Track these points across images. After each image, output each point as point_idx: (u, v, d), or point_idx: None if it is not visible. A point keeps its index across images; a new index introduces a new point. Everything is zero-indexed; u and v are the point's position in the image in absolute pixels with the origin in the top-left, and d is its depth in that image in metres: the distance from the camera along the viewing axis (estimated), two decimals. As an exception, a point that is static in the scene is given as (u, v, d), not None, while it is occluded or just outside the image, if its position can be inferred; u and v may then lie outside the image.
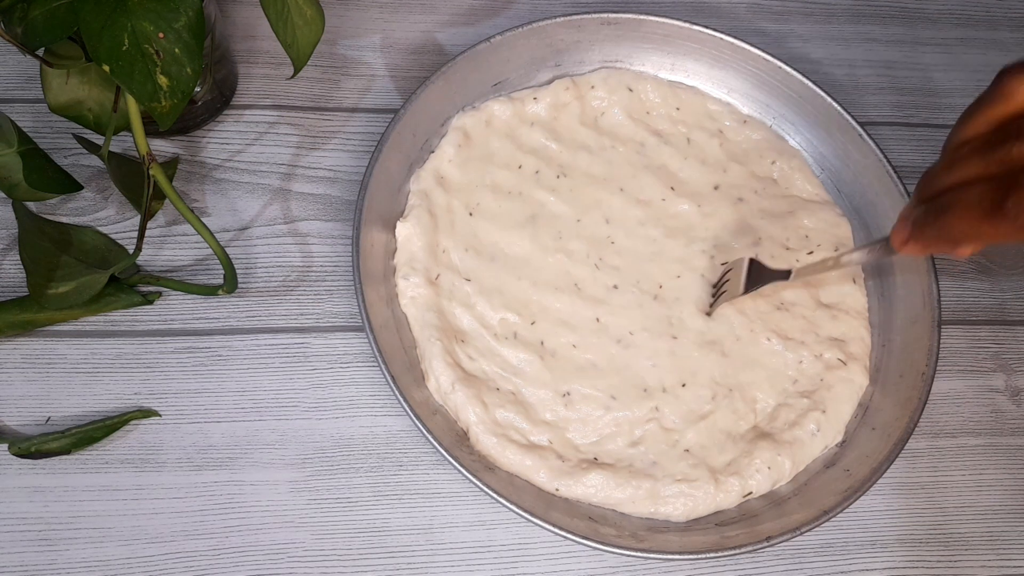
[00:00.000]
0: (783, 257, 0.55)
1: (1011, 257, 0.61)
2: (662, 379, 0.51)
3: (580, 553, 0.49)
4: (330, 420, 0.50)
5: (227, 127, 0.57)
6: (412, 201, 0.54)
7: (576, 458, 0.49)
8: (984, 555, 0.52)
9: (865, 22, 0.68)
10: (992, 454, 0.54)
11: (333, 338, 0.52)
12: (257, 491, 0.48)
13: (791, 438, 0.50)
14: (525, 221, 0.54)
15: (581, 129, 0.58)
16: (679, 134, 0.59)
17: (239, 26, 0.61)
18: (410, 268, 0.52)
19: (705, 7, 0.67)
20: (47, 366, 0.50)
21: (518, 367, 0.51)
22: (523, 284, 0.53)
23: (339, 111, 0.59)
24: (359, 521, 0.48)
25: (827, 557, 0.50)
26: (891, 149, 0.58)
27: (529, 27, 0.56)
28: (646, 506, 0.48)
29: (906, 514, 0.52)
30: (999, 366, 0.57)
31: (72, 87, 0.48)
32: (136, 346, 0.51)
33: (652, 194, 0.56)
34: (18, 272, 0.51)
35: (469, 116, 0.56)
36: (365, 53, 0.61)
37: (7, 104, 0.56)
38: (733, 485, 0.49)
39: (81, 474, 0.47)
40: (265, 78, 0.59)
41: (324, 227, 0.55)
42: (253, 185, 0.56)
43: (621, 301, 0.53)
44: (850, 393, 0.52)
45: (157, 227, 0.53)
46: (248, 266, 0.53)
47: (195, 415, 0.49)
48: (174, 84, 0.43)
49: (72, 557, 0.46)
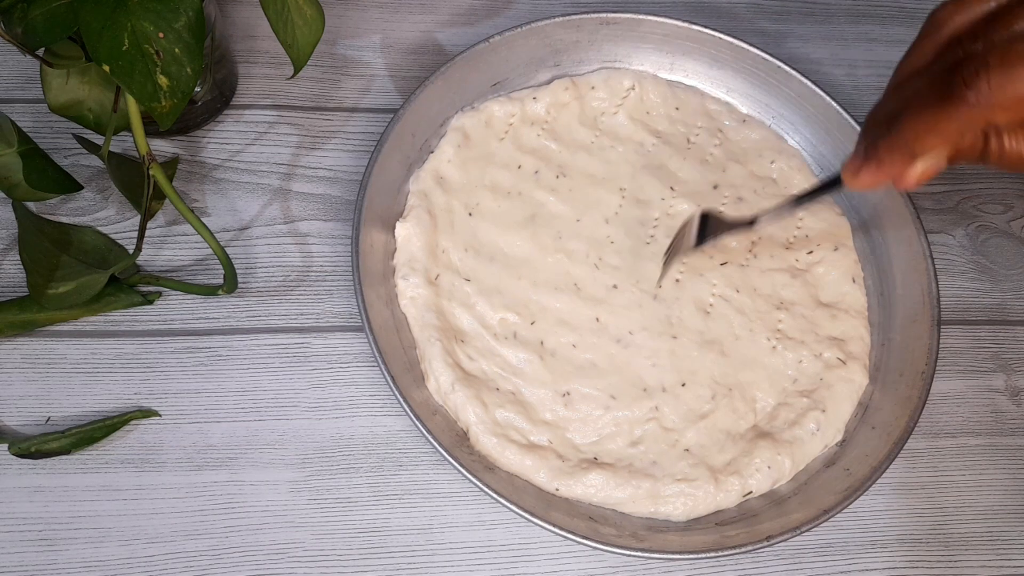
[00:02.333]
0: (783, 256, 0.55)
1: (1011, 257, 0.61)
2: (662, 379, 0.51)
3: (580, 553, 0.49)
4: (330, 420, 0.50)
5: (227, 127, 0.57)
6: (411, 201, 0.54)
7: (576, 458, 0.49)
8: (984, 555, 0.52)
9: (865, 22, 0.68)
10: (992, 454, 0.54)
11: (333, 338, 0.52)
12: (257, 491, 0.48)
13: (791, 437, 0.50)
14: (525, 221, 0.54)
15: (580, 129, 0.58)
16: (678, 134, 0.59)
17: (239, 26, 0.61)
18: (410, 268, 0.52)
19: (705, 7, 0.67)
20: (47, 366, 0.50)
21: (518, 367, 0.51)
22: (523, 284, 0.53)
23: (339, 111, 0.59)
24: (359, 521, 0.48)
25: (827, 557, 0.50)
26: (891, 149, 0.58)
27: (528, 27, 0.56)
28: (646, 506, 0.48)
29: (906, 514, 0.52)
30: (999, 366, 0.57)
31: (72, 87, 0.48)
32: (136, 346, 0.51)
33: (652, 194, 0.56)
34: (18, 272, 0.51)
35: (468, 116, 0.56)
36: (365, 53, 0.61)
37: (7, 104, 0.56)
38: (733, 484, 0.49)
39: (81, 474, 0.47)
40: (265, 78, 0.59)
41: (324, 227, 0.55)
42: (253, 185, 0.56)
43: (621, 301, 0.53)
44: (850, 392, 0.52)
45: (157, 227, 0.53)
46: (248, 266, 0.53)
47: (195, 415, 0.49)
48: (174, 84, 0.43)
49: (72, 557, 0.46)
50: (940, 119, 0.32)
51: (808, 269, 0.55)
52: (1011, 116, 0.31)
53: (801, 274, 0.55)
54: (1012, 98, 0.30)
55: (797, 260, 0.55)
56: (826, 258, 0.55)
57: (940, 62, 0.34)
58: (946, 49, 0.34)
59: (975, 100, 0.31)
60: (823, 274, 0.55)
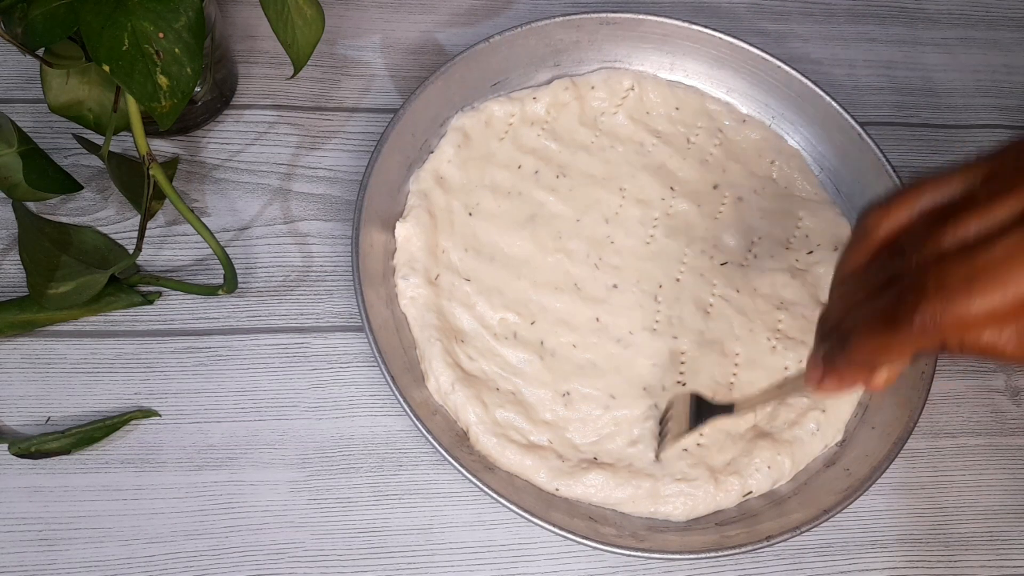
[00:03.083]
0: (783, 256, 0.55)
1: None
2: (662, 378, 0.51)
3: (580, 553, 0.49)
4: (330, 420, 0.50)
5: (227, 127, 0.57)
6: (411, 201, 0.54)
7: (576, 458, 0.49)
8: (984, 555, 0.52)
9: (865, 22, 0.68)
10: (992, 454, 0.54)
11: (333, 338, 0.52)
12: (257, 491, 0.48)
13: (791, 437, 0.50)
14: (524, 221, 0.54)
15: (580, 129, 0.58)
16: (678, 134, 0.59)
17: (239, 26, 0.61)
18: (410, 268, 0.52)
19: (705, 7, 0.67)
20: (47, 366, 0.50)
21: (518, 367, 0.51)
22: (523, 284, 0.53)
23: (339, 111, 0.59)
24: (359, 521, 0.48)
25: (827, 557, 0.50)
26: (891, 149, 0.58)
27: (528, 27, 0.56)
28: (646, 506, 0.48)
29: (906, 514, 0.52)
30: (999, 366, 0.57)
31: (72, 87, 0.48)
32: (136, 346, 0.51)
33: (652, 194, 0.56)
34: (18, 272, 0.51)
35: (468, 116, 0.56)
36: (365, 53, 0.61)
37: (7, 104, 0.56)
38: (733, 484, 0.49)
39: (81, 474, 0.47)
40: (265, 78, 0.59)
41: (324, 227, 0.55)
42: (253, 185, 0.56)
43: (621, 301, 0.53)
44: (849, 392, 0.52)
45: (157, 227, 0.53)
46: (248, 266, 0.53)
47: (195, 415, 0.49)
48: (174, 84, 0.43)
49: (72, 557, 0.46)
50: (890, 342, 0.33)
51: (808, 269, 0.55)
52: (959, 333, 0.31)
53: (801, 274, 0.55)
54: (956, 321, 0.30)
55: (797, 260, 0.55)
56: (826, 258, 0.55)
57: (877, 269, 0.34)
58: (881, 253, 0.35)
59: (921, 326, 0.31)
60: (823, 274, 0.55)
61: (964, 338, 0.32)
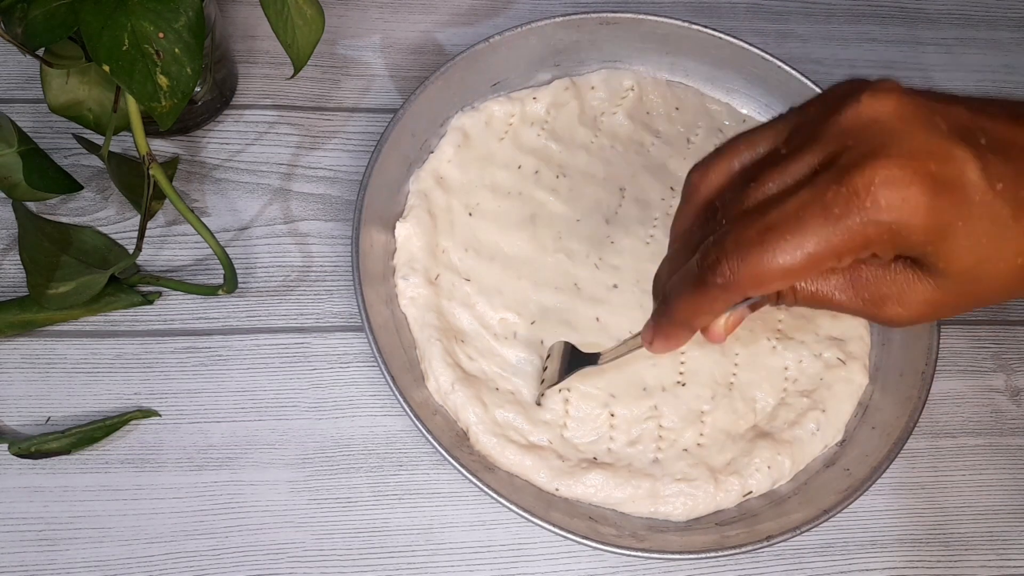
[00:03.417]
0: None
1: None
2: (661, 378, 0.51)
3: (580, 553, 0.49)
4: (330, 420, 0.50)
5: (227, 127, 0.57)
6: (411, 201, 0.54)
7: (576, 458, 0.49)
8: (984, 555, 0.52)
9: (865, 22, 0.68)
10: (992, 454, 0.54)
11: (333, 338, 0.52)
12: (257, 491, 0.48)
13: (791, 437, 0.50)
14: (525, 221, 0.54)
15: (580, 129, 0.58)
16: (678, 134, 0.59)
17: (239, 26, 0.61)
18: (410, 268, 0.52)
19: (705, 7, 0.67)
20: (47, 366, 0.50)
21: (518, 367, 0.51)
22: (523, 284, 0.53)
23: (339, 111, 0.59)
24: (359, 521, 0.48)
25: (827, 557, 0.50)
26: (891, 149, 0.58)
27: (528, 27, 0.56)
28: (646, 506, 0.48)
29: (906, 514, 0.52)
30: (999, 366, 0.57)
31: (72, 87, 0.48)
32: (136, 346, 0.51)
33: (652, 194, 0.56)
34: (18, 272, 0.51)
35: (468, 116, 0.56)
36: (365, 53, 0.61)
37: (7, 104, 0.56)
38: (733, 484, 0.49)
39: (81, 474, 0.47)
40: (265, 78, 0.59)
41: (324, 227, 0.55)
42: (253, 185, 0.56)
43: (621, 301, 0.53)
44: (850, 392, 0.52)
45: (157, 227, 0.53)
46: (248, 266, 0.53)
47: (195, 415, 0.49)
48: (174, 84, 0.43)
49: (72, 557, 0.46)
50: (700, 301, 0.33)
51: (808, 269, 0.55)
52: (763, 290, 0.31)
53: (801, 274, 0.55)
54: (753, 278, 0.30)
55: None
56: (826, 258, 0.55)
57: (697, 229, 0.35)
58: (703, 213, 0.35)
59: (724, 284, 0.31)
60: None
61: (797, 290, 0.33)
